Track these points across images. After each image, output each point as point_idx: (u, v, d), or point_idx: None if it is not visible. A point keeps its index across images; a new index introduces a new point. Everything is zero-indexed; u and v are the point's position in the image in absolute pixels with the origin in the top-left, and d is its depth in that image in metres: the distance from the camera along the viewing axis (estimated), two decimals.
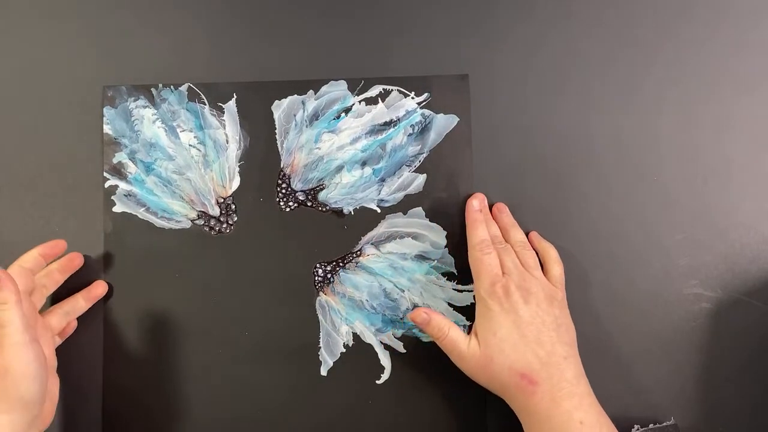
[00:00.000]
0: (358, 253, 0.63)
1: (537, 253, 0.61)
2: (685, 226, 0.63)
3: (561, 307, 0.58)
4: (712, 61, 0.64)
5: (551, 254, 0.61)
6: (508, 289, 0.57)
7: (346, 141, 0.64)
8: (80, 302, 0.61)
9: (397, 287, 0.63)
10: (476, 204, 0.62)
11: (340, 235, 0.64)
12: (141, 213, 0.63)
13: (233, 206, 0.64)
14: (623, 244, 0.63)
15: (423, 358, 0.62)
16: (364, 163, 0.64)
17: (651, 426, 0.59)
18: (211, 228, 0.64)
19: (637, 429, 0.59)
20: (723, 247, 0.62)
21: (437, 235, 0.63)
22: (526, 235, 0.62)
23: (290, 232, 0.63)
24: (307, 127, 0.64)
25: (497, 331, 0.56)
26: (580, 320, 0.61)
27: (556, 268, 0.60)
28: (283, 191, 0.64)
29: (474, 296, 0.61)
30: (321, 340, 0.62)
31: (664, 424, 0.59)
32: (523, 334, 0.55)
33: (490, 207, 0.63)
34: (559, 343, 0.56)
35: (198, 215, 0.64)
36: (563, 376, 0.54)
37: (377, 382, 0.62)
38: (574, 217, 0.63)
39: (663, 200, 0.63)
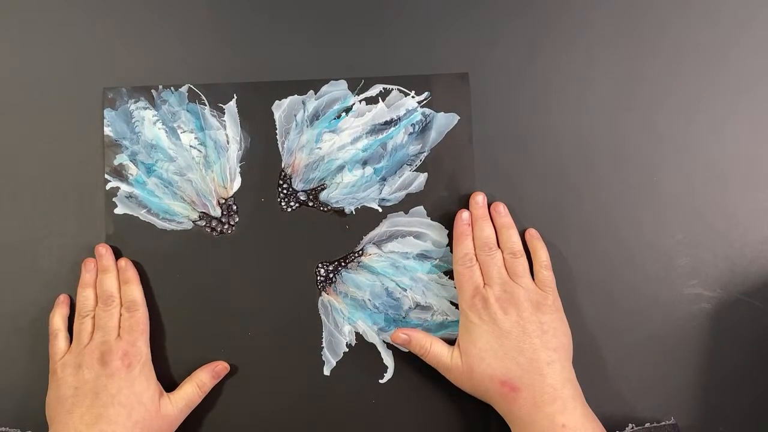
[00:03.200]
0: (360, 252, 0.64)
1: (529, 251, 0.62)
2: (685, 226, 0.63)
3: (551, 312, 0.58)
4: (712, 61, 0.64)
5: (541, 257, 0.61)
6: (487, 301, 0.58)
7: (347, 141, 0.64)
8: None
9: (399, 286, 0.63)
10: (465, 217, 0.62)
11: (341, 234, 0.64)
12: (142, 215, 0.63)
13: (234, 207, 0.64)
14: (623, 244, 0.63)
15: None
16: (365, 163, 0.64)
17: (647, 425, 0.59)
18: (213, 229, 0.64)
19: (632, 428, 0.59)
20: (723, 247, 0.63)
21: (439, 234, 0.64)
22: (524, 231, 0.63)
23: (292, 233, 0.64)
24: (307, 127, 0.64)
25: (477, 341, 0.58)
26: (579, 320, 0.61)
27: (544, 272, 0.60)
28: (285, 191, 0.64)
29: None
30: (324, 339, 0.63)
31: (663, 423, 0.60)
32: (503, 343, 0.57)
33: (489, 204, 0.63)
34: (542, 350, 0.57)
35: (199, 216, 0.64)
36: (545, 382, 0.55)
37: (380, 381, 0.63)
38: (574, 216, 0.63)
39: (663, 200, 0.63)
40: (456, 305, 0.63)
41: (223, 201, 0.64)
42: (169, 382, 0.62)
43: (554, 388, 0.55)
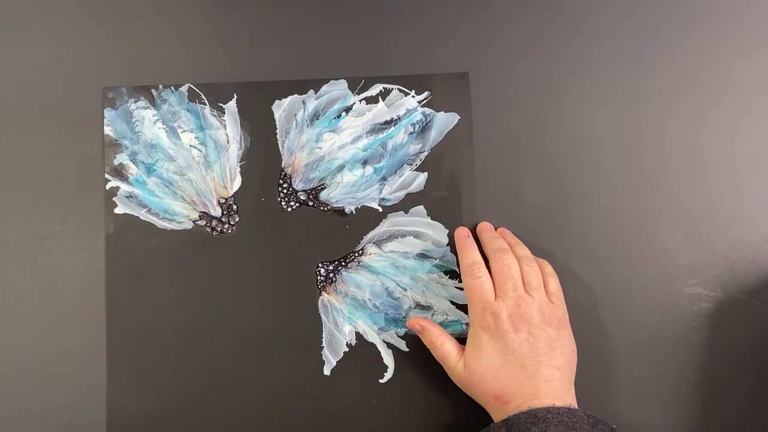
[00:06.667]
0: (360, 252, 0.64)
1: None
2: (685, 226, 0.63)
3: (559, 327, 0.57)
4: (713, 61, 0.64)
5: (545, 269, 0.60)
6: (498, 317, 0.56)
7: (347, 140, 0.64)
8: None
9: (399, 286, 0.63)
10: (462, 231, 0.62)
11: (341, 234, 0.64)
12: (143, 214, 0.64)
13: (235, 206, 0.64)
14: (623, 244, 0.63)
15: (426, 356, 0.62)
16: (365, 162, 0.64)
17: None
18: (213, 228, 0.64)
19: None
20: (723, 247, 0.63)
21: (439, 234, 0.64)
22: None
23: (292, 232, 0.64)
24: (307, 126, 0.64)
25: (482, 359, 0.57)
26: (580, 320, 0.61)
27: (551, 281, 0.59)
28: (285, 191, 0.64)
29: None
30: (324, 339, 0.63)
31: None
32: (508, 361, 0.56)
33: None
34: (546, 367, 0.55)
35: (199, 216, 0.64)
36: (536, 396, 0.55)
37: (380, 381, 0.63)
38: (574, 216, 0.63)
39: (663, 200, 0.63)
40: (456, 304, 0.63)
41: (223, 201, 0.64)
42: (168, 383, 0.62)
43: (542, 403, 0.54)
